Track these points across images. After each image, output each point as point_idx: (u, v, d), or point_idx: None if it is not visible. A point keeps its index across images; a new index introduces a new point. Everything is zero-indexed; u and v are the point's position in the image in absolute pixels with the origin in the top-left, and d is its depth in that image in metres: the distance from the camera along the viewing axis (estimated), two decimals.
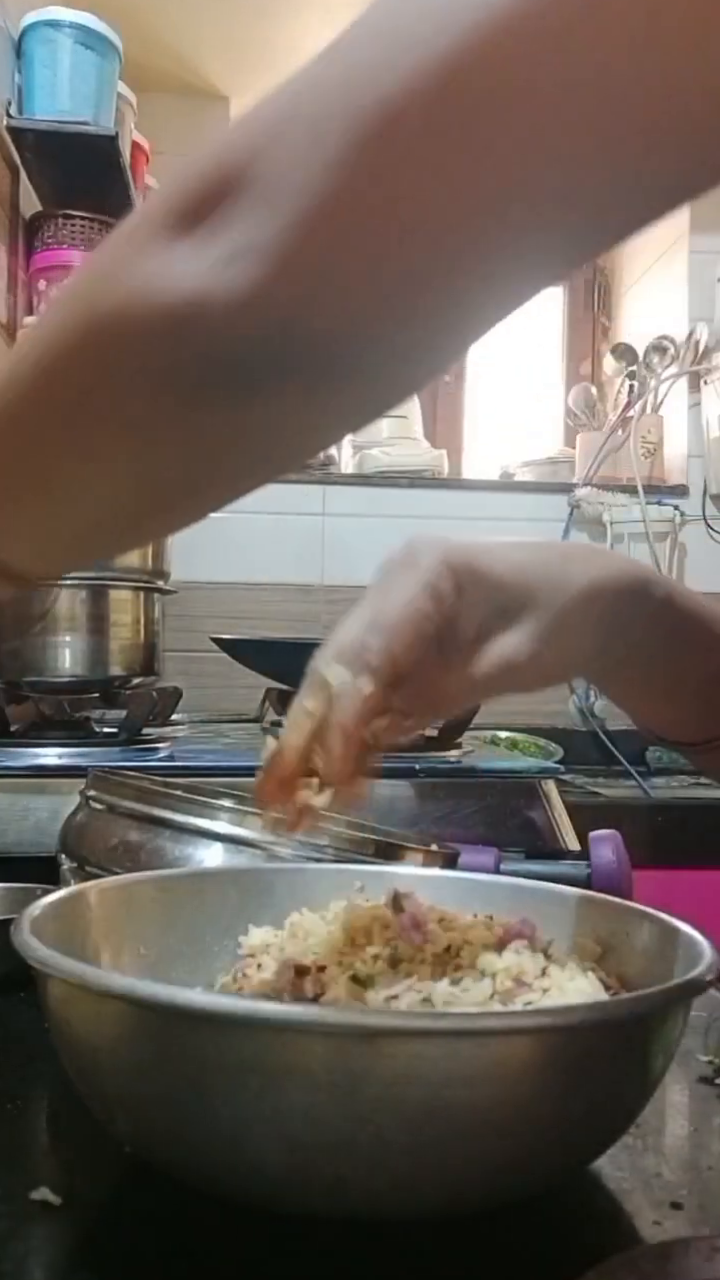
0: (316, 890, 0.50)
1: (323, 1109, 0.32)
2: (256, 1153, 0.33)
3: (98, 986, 0.35)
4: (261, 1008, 0.34)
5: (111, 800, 0.66)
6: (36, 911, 0.43)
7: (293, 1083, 0.32)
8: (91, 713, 1.39)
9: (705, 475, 2.35)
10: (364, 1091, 0.32)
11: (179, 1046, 0.34)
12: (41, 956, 0.37)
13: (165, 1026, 0.34)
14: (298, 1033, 0.32)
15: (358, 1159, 0.32)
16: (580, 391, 2.51)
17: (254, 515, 2.31)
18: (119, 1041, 0.36)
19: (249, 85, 2.23)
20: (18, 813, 1.02)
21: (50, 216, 1.68)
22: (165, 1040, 0.34)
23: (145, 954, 0.48)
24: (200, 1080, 0.33)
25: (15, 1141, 0.46)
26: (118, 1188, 0.41)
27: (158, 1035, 0.34)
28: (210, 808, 0.62)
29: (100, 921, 0.47)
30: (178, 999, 0.33)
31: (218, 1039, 0.33)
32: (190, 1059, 0.33)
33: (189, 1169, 0.37)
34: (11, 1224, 0.36)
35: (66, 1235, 0.37)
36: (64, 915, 0.45)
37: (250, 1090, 0.33)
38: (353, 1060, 0.32)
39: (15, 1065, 0.55)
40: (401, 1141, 0.32)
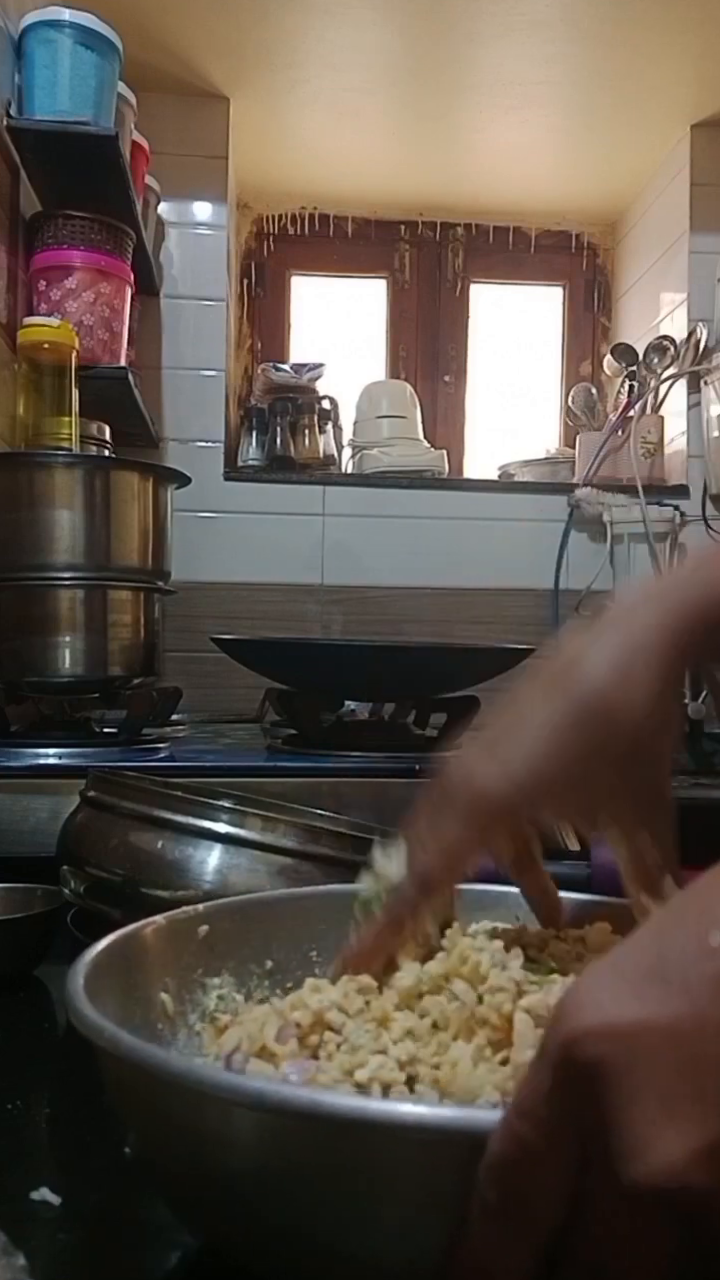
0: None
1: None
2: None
3: (228, 1094, 0.30)
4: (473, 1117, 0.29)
5: (111, 800, 0.66)
6: (86, 973, 0.38)
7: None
8: (91, 713, 1.38)
9: (705, 475, 2.35)
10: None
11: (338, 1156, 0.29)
12: (144, 1056, 0.32)
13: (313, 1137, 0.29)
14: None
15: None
16: (580, 391, 2.51)
17: (254, 515, 2.31)
18: (246, 1150, 0.31)
19: (249, 85, 2.23)
20: (18, 813, 1.01)
21: (50, 216, 1.68)
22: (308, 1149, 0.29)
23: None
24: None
25: (15, 1141, 0.46)
26: (118, 1188, 0.41)
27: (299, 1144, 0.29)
28: (210, 808, 0.62)
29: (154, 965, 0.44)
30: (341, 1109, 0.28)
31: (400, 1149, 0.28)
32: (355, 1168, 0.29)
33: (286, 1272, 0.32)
34: (11, 1224, 0.36)
35: (66, 1235, 0.37)
36: (114, 965, 0.42)
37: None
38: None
39: (15, 1065, 0.55)
40: None
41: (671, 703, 0.40)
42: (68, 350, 1.45)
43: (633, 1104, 0.25)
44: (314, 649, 1.48)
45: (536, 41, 2.05)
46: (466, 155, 2.46)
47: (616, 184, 2.58)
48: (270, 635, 2.06)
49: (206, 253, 2.33)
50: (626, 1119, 0.25)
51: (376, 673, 1.28)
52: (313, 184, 2.61)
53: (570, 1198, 0.26)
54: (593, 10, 1.96)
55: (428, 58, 2.11)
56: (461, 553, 2.35)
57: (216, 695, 1.93)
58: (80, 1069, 0.56)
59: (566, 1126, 0.26)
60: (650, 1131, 0.25)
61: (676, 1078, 0.25)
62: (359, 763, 1.14)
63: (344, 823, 0.73)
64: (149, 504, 1.36)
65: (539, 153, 2.45)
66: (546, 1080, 0.27)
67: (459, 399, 2.75)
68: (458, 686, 1.27)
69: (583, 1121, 0.26)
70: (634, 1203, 0.25)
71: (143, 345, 2.18)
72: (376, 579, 2.33)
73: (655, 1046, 0.25)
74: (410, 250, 2.74)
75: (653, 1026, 0.26)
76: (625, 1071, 0.25)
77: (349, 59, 2.11)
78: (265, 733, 1.44)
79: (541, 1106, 0.26)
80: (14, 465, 1.33)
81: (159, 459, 2.20)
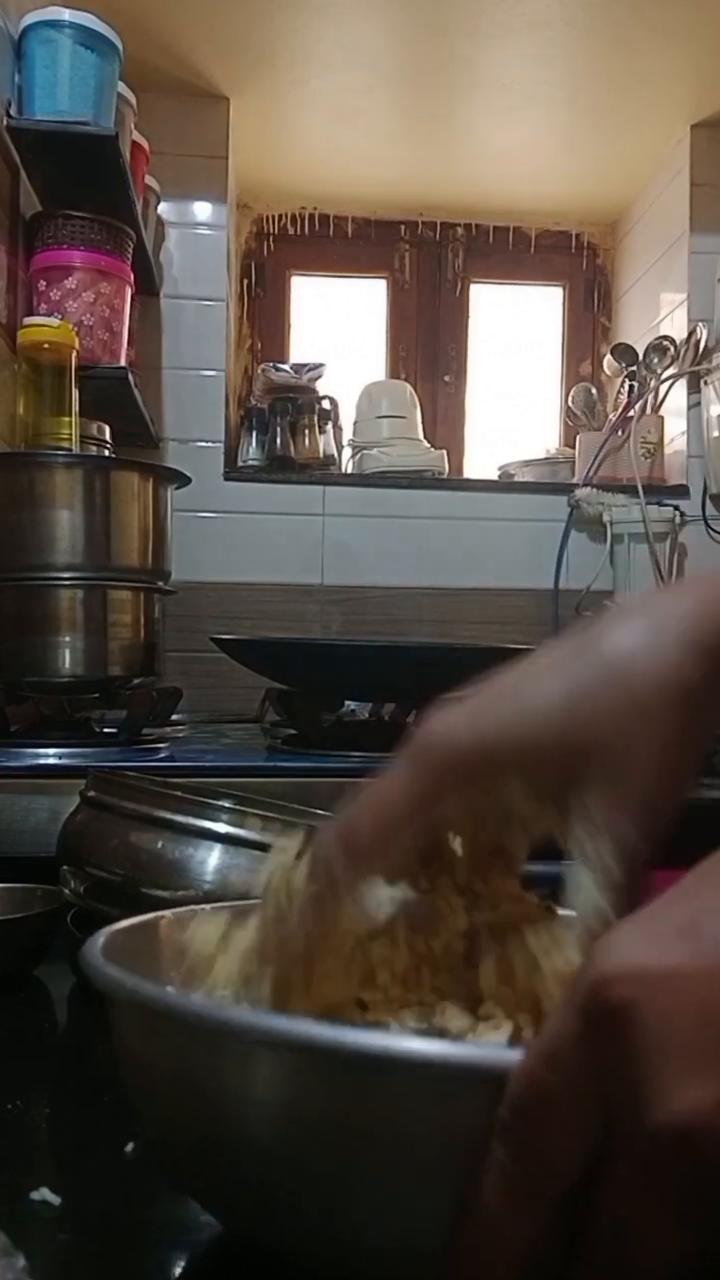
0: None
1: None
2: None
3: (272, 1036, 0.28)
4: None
5: (111, 800, 0.66)
6: (104, 939, 0.38)
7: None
8: (91, 713, 1.38)
9: (705, 475, 2.35)
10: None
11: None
12: (171, 1001, 0.31)
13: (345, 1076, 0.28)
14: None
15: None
16: (580, 391, 2.51)
17: (254, 515, 2.31)
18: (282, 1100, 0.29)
19: (249, 85, 2.23)
20: (18, 813, 1.02)
21: (50, 216, 1.68)
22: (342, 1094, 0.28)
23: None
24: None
25: (15, 1141, 0.46)
26: (118, 1188, 0.41)
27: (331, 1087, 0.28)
28: (210, 808, 0.62)
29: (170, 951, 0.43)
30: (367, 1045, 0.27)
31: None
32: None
33: (307, 1250, 0.31)
34: (11, 1224, 0.36)
35: (66, 1235, 0.37)
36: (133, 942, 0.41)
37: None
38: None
39: (15, 1065, 0.55)
40: None
41: (708, 693, 0.34)
42: (68, 350, 1.45)
43: (660, 1049, 0.25)
44: (314, 649, 1.48)
45: (536, 41, 2.05)
46: (466, 155, 2.46)
47: (616, 184, 2.58)
48: (270, 635, 2.06)
49: (206, 253, 2.33)
50: (653, 1063, 0.25)
51: (376, 673, 1.28)
52: (313, 184, 2.61)
53: (588, 1153, 0.26)
54: (593, 10, 1.96)
55: (428, 58, 2.11)
56: (461, 553, 2.35)
57: (216, 695, 1.93)
58: (80, 1069, 0.56)
59: (591, 1073, 0.26)
60: (677, 1077, 0.24)
61: (705, 1026, 0.25)
62: (359, 763, 1.14)
63: None
64: (149, 504, 1.36)
65: (539, 153, 2.45)
66: (573, 1025, 0.26)
67: (459, 399, 2.75)
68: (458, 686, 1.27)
69: (608, 1066, 0.26)
70: (657, 1151, 0.25)
71: (143, 345, 2.18)
72: (376, 579, 2.33)
73: (685, 993, 0.25)
74: (410, 250, 2.74)
75: (684, 973, 0.25)
76: (654, 1016, 0.25)
77: (349, 59, 2.11)
78: (265, 733, 1.44)
79: (567, 1051, 0.26)
80: (14, 465, 1.33)
81: (159, 459, 2.20)
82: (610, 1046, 0.25)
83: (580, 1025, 0.26)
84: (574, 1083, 0.26)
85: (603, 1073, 0.26)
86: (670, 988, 0.25)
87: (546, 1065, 0.26)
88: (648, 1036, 0.25)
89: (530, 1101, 0.26)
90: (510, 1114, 0.26)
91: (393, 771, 0.35)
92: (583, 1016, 0.26)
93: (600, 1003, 0.26)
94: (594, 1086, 0.26)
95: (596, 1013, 0.26)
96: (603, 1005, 0.25)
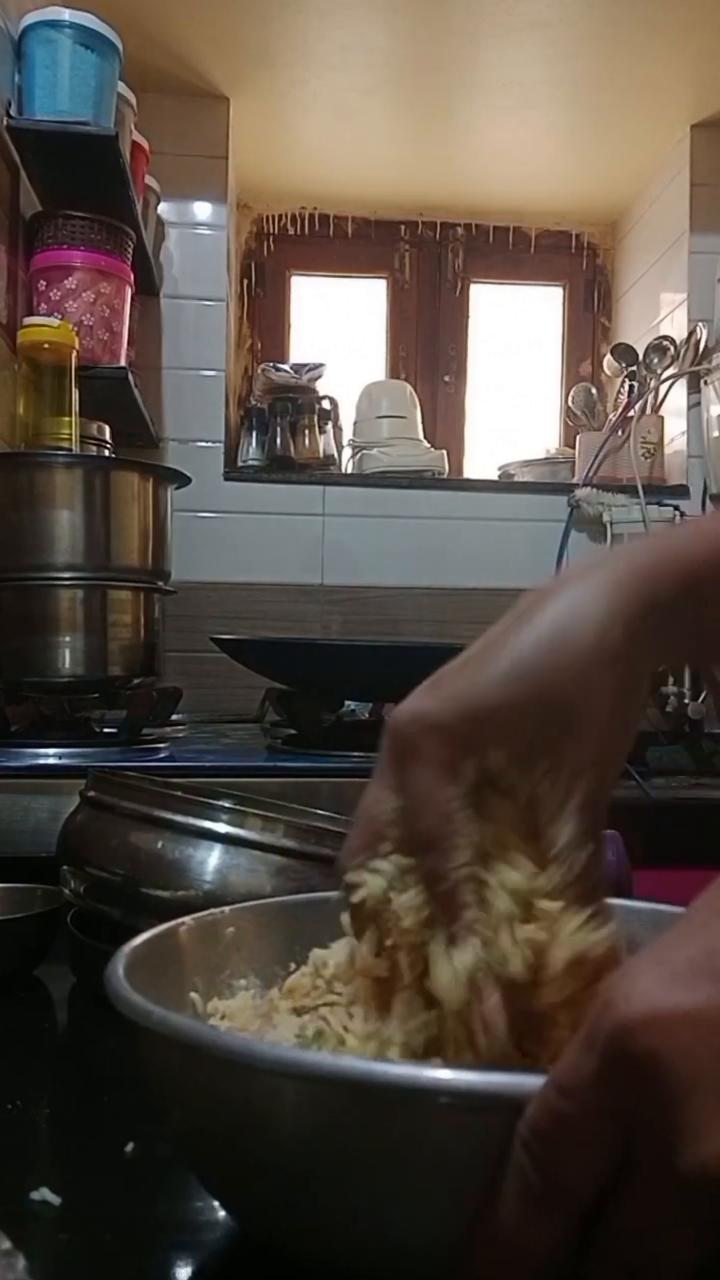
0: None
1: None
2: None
3: (275, 1066, 0.30)
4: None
5: (111, 800, 0.66)
6: (127, 957, 0.38)
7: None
8: (91, 713, 1.38)
9: (705, 475, 2.35)
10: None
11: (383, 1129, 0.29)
12: (195, 1033, 0.32)
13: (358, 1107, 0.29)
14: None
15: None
16: (580, 391, 2.51)
17: (254, 516, 2.31)
18: (287, 1120, 0.31)
19: (249, 85, 2.23)
20: (18, 813, 1.02)
21: (50, 216, 1.68)
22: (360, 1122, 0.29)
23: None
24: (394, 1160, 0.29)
25: (15, 1141, 0.46)
26: (118, 1188, 0.41)
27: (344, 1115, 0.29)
28: (210, 808, 0.62)
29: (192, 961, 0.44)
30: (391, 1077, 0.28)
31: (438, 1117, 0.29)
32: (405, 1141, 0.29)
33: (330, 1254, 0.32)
34: (11, 1224, 0.36)
35: (66, 1235, 0.37)
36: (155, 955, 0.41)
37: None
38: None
39: (15, 1065, 0.55)
40: None
41: (634, 652, 0.35)
42: (68, 350, 1.45)
43: (689, 1094, 0.25)
44: (314, 649, 1.48)
45: (536, 41, 2.05)
46: (466, 155, 2.46)
47: (616, 184, 2.58)
48: (270, 635, 2.06)
49: (206, 253, 2.33)
50: (682, 1108, 0.26)
51: (376, 673, 1.28)
52: (313, 184, 2.61)
53: (601, 1176, 0.27)
54: (593, 10, 1.96)
55: (428, 58, 2.11)
56: (461, 553, 2.35)
57: (216, 695, 1.93)
58: (80, 1069, 0.56)
59: (612, 1110, 0.27)
60: (706, 1120, 0.25)
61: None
62: (359, 763, 1.14)
63: (344, 823, 0.73)
64: (149, 504, 1.36)
65: (539, 153, 2.45)
66: (592, 1065, 0.27)
67: (459, 399, 2.75)
68: None
69: (631, 1108, 0.26)
70: (684, 1186, 0.26)
71: (143, 345, 2.18)
72: (376, 579, 2.33)
73: (709, 1035, 0.26)
74: (410, 250, 2.74)
75: (706, 1016, 0.26)
76: (679, 1062, 0.26)
77: (349, 59, 2.11)
78: (265, 733, 1.44)
79: (586, 1090, 0.27)
80: (14, 465, 1.33)
81: (159, 459, 2.20)
82: (633, 1090, 0.26)
83: (599, 1065, 0.27)
84: (591, 1118, 0.27)
85: (623, 1114, 0.27)
86: (693, 1031, 0.26)
87: (564, 1097, 0.27)
88: (674, 1082, 0.26)
89: (547, 1128, 0.27)
90: (529, 1134, 0.27)
91: (403, 773, 0.36)
92: (603, 1059, 0.27)
93: (624, 1051, 0.26)
94: (612, 1124, 0.27)
95: (619, 1059, 0.26)
96: (627, 1053, 0.26)
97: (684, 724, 2.36)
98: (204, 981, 0.44)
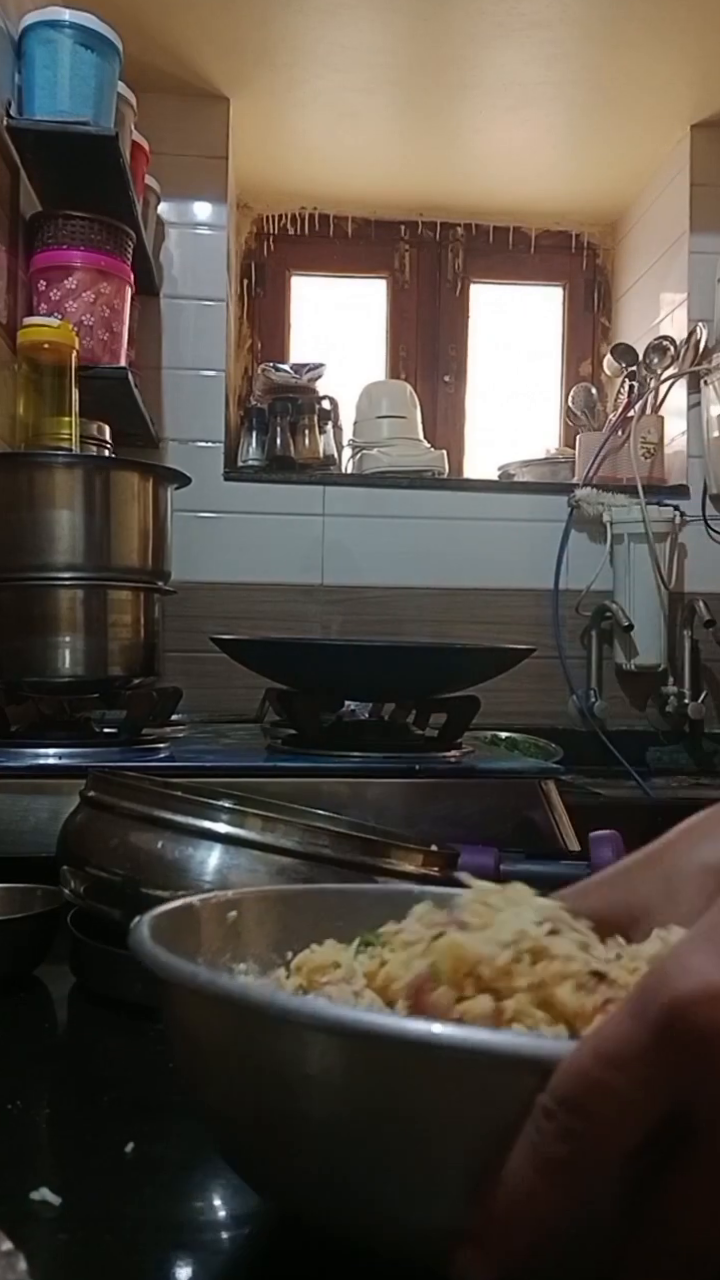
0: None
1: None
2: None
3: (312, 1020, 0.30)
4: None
5: (111, 800, 0.66)
6: (151, 922, 0.39)
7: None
8: (91, 713, 1.38)
9: (705, 475, 2.35)
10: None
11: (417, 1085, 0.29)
12: (222, 984, 0.32)
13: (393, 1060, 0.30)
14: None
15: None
16: (580, 391, 2.51)
17: (254, 516, 2.31)
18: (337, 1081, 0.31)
19: (249, 85, 2.23)
20: (18, 813, 1.01)
21: (50, 216, 1.68)
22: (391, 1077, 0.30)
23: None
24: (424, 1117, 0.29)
25: (15, 1141, 0.46)
26: (118, 1188, 0.41)
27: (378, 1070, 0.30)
28: (210, 808, 0.62)
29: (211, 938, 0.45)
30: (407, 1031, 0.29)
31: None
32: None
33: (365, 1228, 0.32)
34: (11, 1224, 0.36)
35: (66, 1235, 0.37)
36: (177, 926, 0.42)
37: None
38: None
39: (15, 1065, 0.55)
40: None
41: None
42: (68, 350, 1.44)
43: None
44: (314, 649, 1.48)
45: (536, 41, 2.05)
46: (466, 155, 2.47)
47: (616, 184, 2.59)
48: (270, 635, 2.06)
49: (206, 253, 2.33)
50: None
51: (376, 673, 1.27)
52: (313, 184, 2.61)
53: (635, 1149, 0.27)
54: (593, 10, 1.96)
55: (428, 58, 2.11)
56: (461, 553, 2.35)
57: (216, 695, 1.93)
58: (80, 1069, 0.56)
59: (663, 1085, 0.27)
60: None
61: None
62: (359, 763, 1.14)
63: (344, 823, 0.73)
64: (149, 504, 1.36)
65: (539, 153, 2.45)
66: (643, 1038, 0.27)
67: (459, 399, 2.75)
68: (458, 686, 1.27)
69: (689, 1083, 0.27)
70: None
71: (143, 345, 2.18)
72: (376, 579, 2.33)
73: None
74: (410, 250, 2.74)
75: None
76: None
77: (349, 59, 2.11)
78: (265, 733, 1.44)
79: (635, 1062, 0.27)
80: (14, 465, 1.33)
81: (159, 459, 2.20)
82: (691, 1064, 0.26)
83: (651, 1038, 0.27)
84: (637, 1090, 0.27)
85: (679, 1086, 0.27)
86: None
87: (609, 1068, 0.27)
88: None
89: (588, 1099, 0.27)
90: (558, 1104, 0.27)
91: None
92: (657, 1032, 0.27)
93: (683, 1023, 0.26)
94: (663, 1096, 0.27)
95: (675, 1034, 0.27)
96: (687, 1026, 0.26)
97: (684, 724, 2.36)
98: (205, 961, 0.44)
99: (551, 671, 2.31)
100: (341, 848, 0.62)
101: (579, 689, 2.33)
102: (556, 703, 2.32)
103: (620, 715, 2.36)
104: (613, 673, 2.36)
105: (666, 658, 2.31)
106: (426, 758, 1.16)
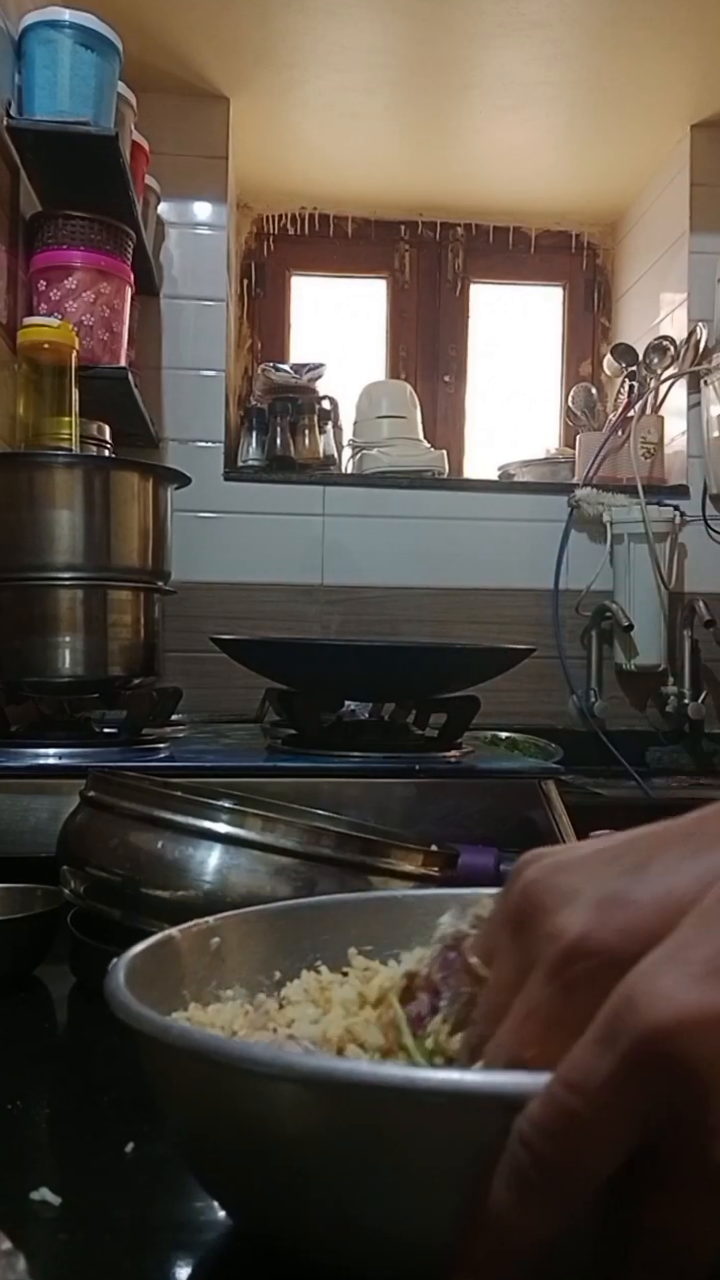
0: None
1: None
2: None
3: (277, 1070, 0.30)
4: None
5: (111, 800, 0.66)
6: (126, 965, 0.39)
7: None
8: (91, 713, 1.38)
9: (705, 475, 2.35)
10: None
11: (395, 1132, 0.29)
12: (196, 1040, 0.32)
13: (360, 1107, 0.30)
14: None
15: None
16: (580, 391, 2.51)
17: (254, 516, 2.31)
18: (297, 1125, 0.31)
19: (249, 85, 2.23)
20: (18, 813, 1.01)
21: (50, 216, 1.68)
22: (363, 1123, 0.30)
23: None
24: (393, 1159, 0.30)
25: (15, 1141, 0.46)
26: (118, 1188, 0.41)
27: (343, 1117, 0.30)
28: (210, 808, 0.62)
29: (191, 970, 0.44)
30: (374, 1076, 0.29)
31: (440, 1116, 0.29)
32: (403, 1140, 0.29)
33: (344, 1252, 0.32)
34: (11, 1224, 0.36)
35: (66, 1235, 0.37)
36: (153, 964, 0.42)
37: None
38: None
39: (15, 1065, 0.55)
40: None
41: None
42: (68, 350, 1.44)
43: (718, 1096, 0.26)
44: (314, 649, 1.48)
45: (536, 41, 2.05)
46: (466, 155, 2.47)
47: (616, 184, 2.59)
48: (270, 635, 2.06)
49: (206, 253, 2.33)
50: (715, 1110, 0.26)
51: (376, 673, 1.27)
52: (313, 184, 2.62)
53: (610, 1174, 0.27)
54: (593, 10, 1.96)
55: (428, 58, 2.11)
56: (461, 553, 2.35)
57: (216, 695, 1.93)
58: (80, 1069, 0.56)
59: (636, 1112, 0.27)
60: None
61: None
62: (359, 763, 1.14)
63: (344, 823, 0.73)
64: (149, 504, 1.36)
65: (539, 153, 2.45)
66: (611, 1065, 0.27)
67: (459, 399, 2.75)
68: (458, 686, 1.27)
69: (660, 1110, 0.27)
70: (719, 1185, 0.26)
71: (143, 345, 2.18)
72: (376, 579, 2.33)
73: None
74: (410, 250, 2.74)
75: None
76: (709, 1066, 0.26)
77: (349, 59, 2.11)
78: (265, 733, 1.44)
79: (604, 1090, 0.27)
80: (14, 465, 1.33)
81: (159, 459, 2.20)
82: (665, 1095, 0.26)
83: (621, 1066, 0.27)
84: (608, 1118, 0.27)
85: (650, 1115, 0.27)
86: (718, 1034, 0.26)
87: (578, 1096, 0.27)
88: (706, 1086, 0.26)
89: (559, 1127, 0.27)
90: (533, 1131, 0.27)
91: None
92: (627, 1061, 0.27)
93: (650, 1053, 0.26)
94: (636, 1123, 0.27)
95: (647, 1062, 0.26)
96: (654, 1056, 0.26)
97: (684, 724, 2.36)
98: (191, 994, 0.44)
99: (551, 671, 2.31)
100: (341, 848, 0.62)
101: (579, 689, 2.33)
102: (556, 703, 2.32)
103: (620, 715, 2.36)
104: (613, 673, 2.36)
105: (666, 658, 2.31)
106: (426, 758, 1.16)
